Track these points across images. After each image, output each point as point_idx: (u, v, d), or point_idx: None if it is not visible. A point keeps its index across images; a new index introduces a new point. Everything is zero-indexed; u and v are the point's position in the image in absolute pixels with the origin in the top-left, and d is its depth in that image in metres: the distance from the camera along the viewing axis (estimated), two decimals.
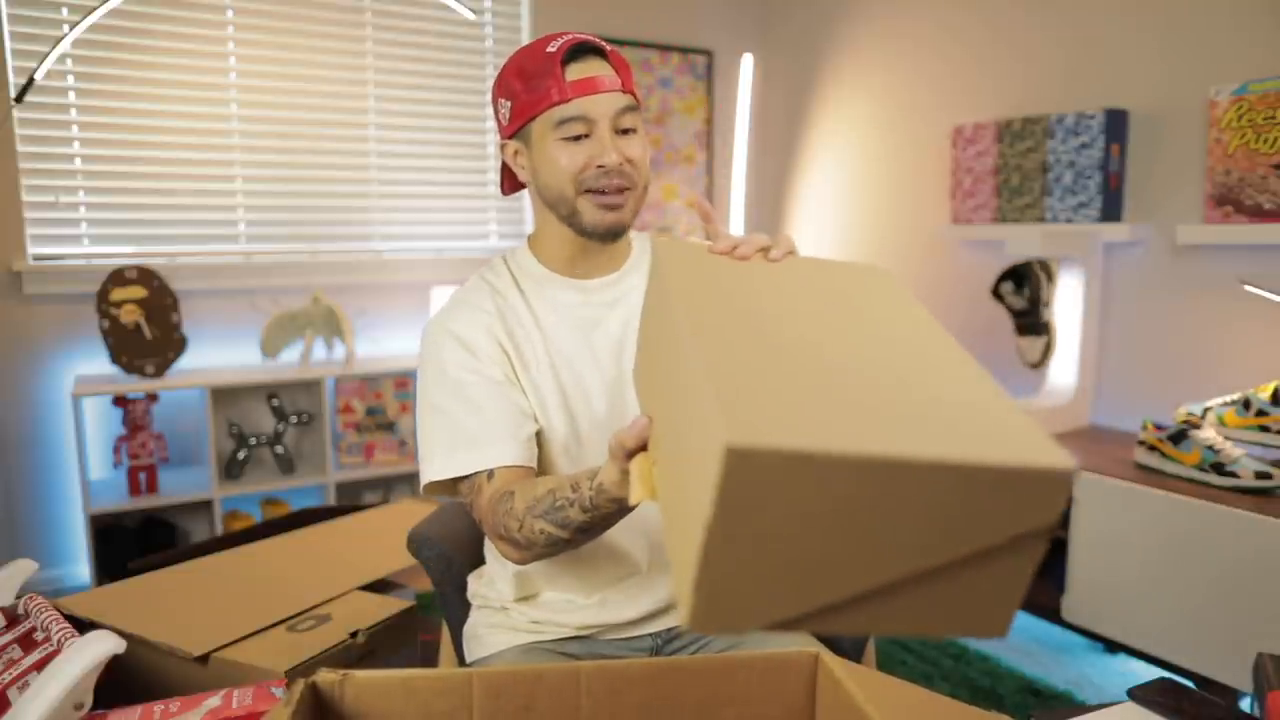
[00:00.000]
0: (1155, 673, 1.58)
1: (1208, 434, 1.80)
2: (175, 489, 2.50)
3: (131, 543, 2.44)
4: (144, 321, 2.46)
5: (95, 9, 2.26)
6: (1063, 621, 1.97)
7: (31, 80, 2.22)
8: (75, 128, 2.48)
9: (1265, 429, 1.75)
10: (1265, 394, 1.77)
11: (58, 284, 2.46)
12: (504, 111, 1.04)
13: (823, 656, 0.75)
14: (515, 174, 1.10)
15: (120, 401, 2.43)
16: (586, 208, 1.01)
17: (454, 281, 2.83)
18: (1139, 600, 1.80)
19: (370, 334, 2.90)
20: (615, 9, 3.19)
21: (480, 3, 2.98)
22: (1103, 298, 2.30)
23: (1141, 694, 0.97)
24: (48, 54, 2.25)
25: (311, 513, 2.02)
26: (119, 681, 1.05)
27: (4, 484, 2.47)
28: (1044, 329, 2.30)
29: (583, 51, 1.00)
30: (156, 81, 2.55)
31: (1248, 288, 1.91)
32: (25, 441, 2.49)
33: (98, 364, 2.51)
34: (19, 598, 1.16)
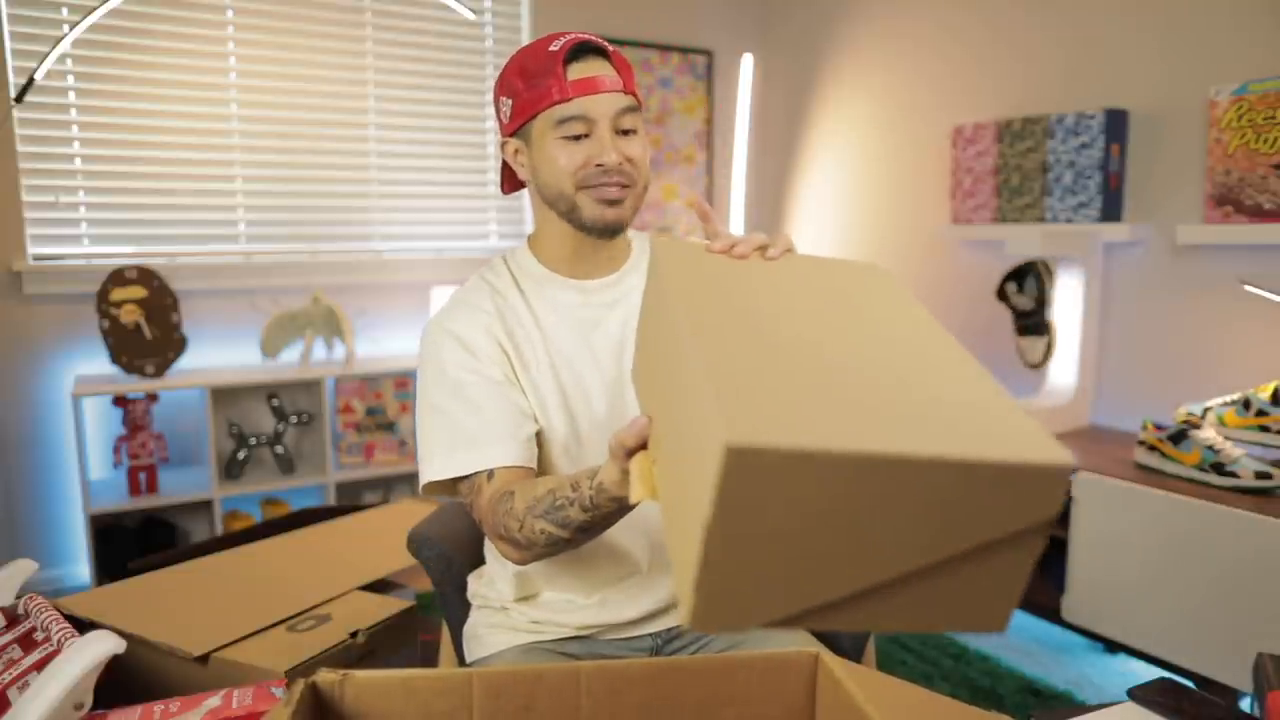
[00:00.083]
0: (1155, 673, 1.58)
1: (1208, 434, 1.80)
2: (175, 489, 2.50)
3: (131, 543, 2.44)
4: (144, 321, 2.46)
5: (95, 9, 2.26)
6: (1063, 621, 1.97)
7: (31, 80, 2.22)
8: (75, 128, 2.48)
9: (1265, 429, 1.75)
10: (1265, 394, 1.77)
11: (58, 284, 2.46)
12: (505, 110, 1.04)
13: (823, 656, 0.75)
14: (515, 173, 1.10)
15: (120, 401, 2.43)
16: (586, 203, 1.01)
17: (454, 281, 2.83)
18: (1139, 600, 1.80)
19: (370, 334, 2.90)
20: (615, 9, 3.19)
21: (480, 3, 2.98)
22: (1103, 298, 2.30)
23: (1141, 694, 0.97)
24: (48, 54, 2.25)
25: (311, 513, 2.02)
26: (119, 681, 1.05)
27: (4, 484, 2.47)
28: (1045, 329, 2.30)
29: (585, 51, 1.00)
30: (156, 81, 2.55)
31: (1248, 288, 1.91)
32: (25, 441, 2.49)
33: (98, 364, 2.51)
34: (19, 598, 1.16)
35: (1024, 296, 2.30)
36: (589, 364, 1.06)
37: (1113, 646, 2.04)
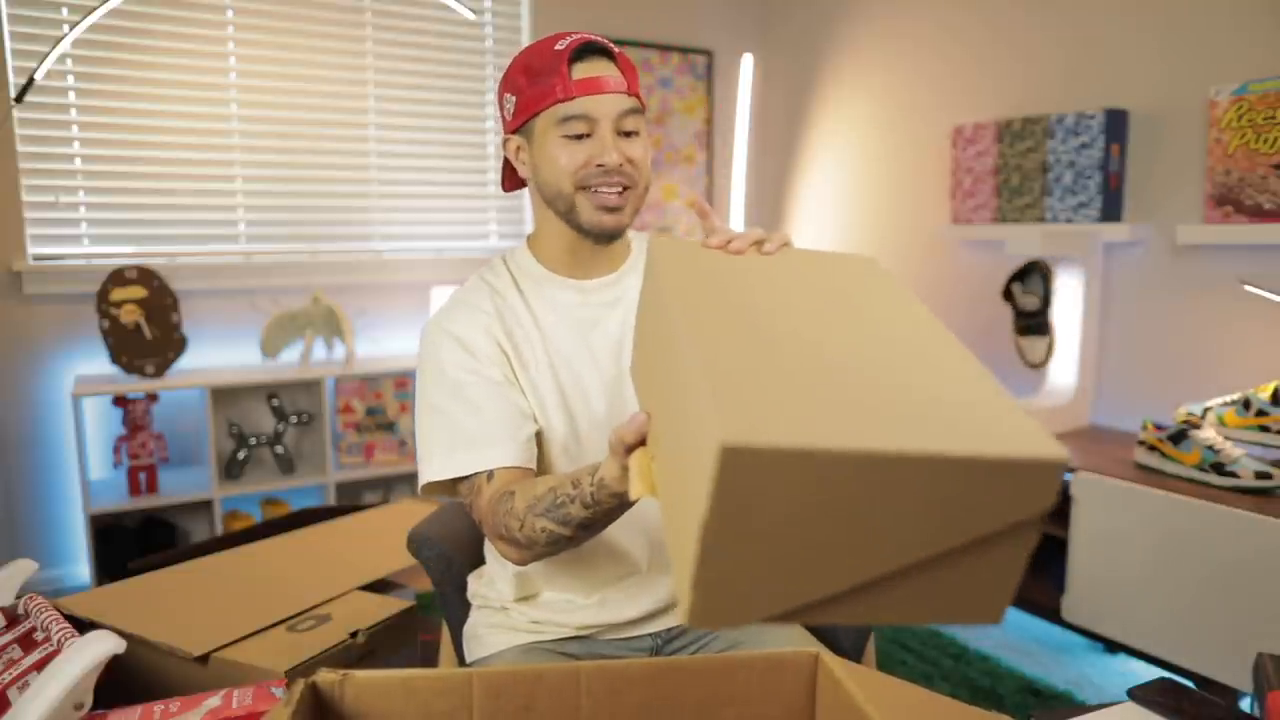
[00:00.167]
0: (1155, 673, 1.58)
1: (1208, 434, 1.80)
2: (175, 489, 2.50)
3: (131, 543, 2.44)
4: (144, 321, 2.46)
5: (95, 9, 2.26)
6: (1063, 621, 1.97)
7: (31, 80, 2.22)
8: (75, 128, 2.48)
9: (1265, 429, 1.75)
10: (1265, 394, 1.77)
11: (58, 284, 2.46)
12: (508, 106, 1.04)
13: (823, 656, 0.75)
14: (516, 170, 1.10)
15: (120, 401, 2.43)
16: (584, 206, 1.01)
17: (454, 281, 2.83)
18: (1139, 600, 1.80)
19: (370, 334, 2.90)
20: (615, 9, 3.19)
21: (480, 3, 2.98)
22: (1103, 298, 2.30)
23: (1141, 694, 0.97)
24: (48, 54, 2.25)
25: (311, 513, 2.02)
26: (119, 681, 1.05)
27: (4, 484, 2.47)
28: (1047, 329, 2.30)
29: (590, 51, 1.00)
30: (156, 81, 2.55)
31: (1248, 288, 1.91)
32: (25, 441, 2.49)
33: (98, 364, 2.51)
34: (19, 598, 1.16)
35: (1031, 296, 2.30)
36: (588, 363, 1.06)
37: (1113, 646, 2.04)
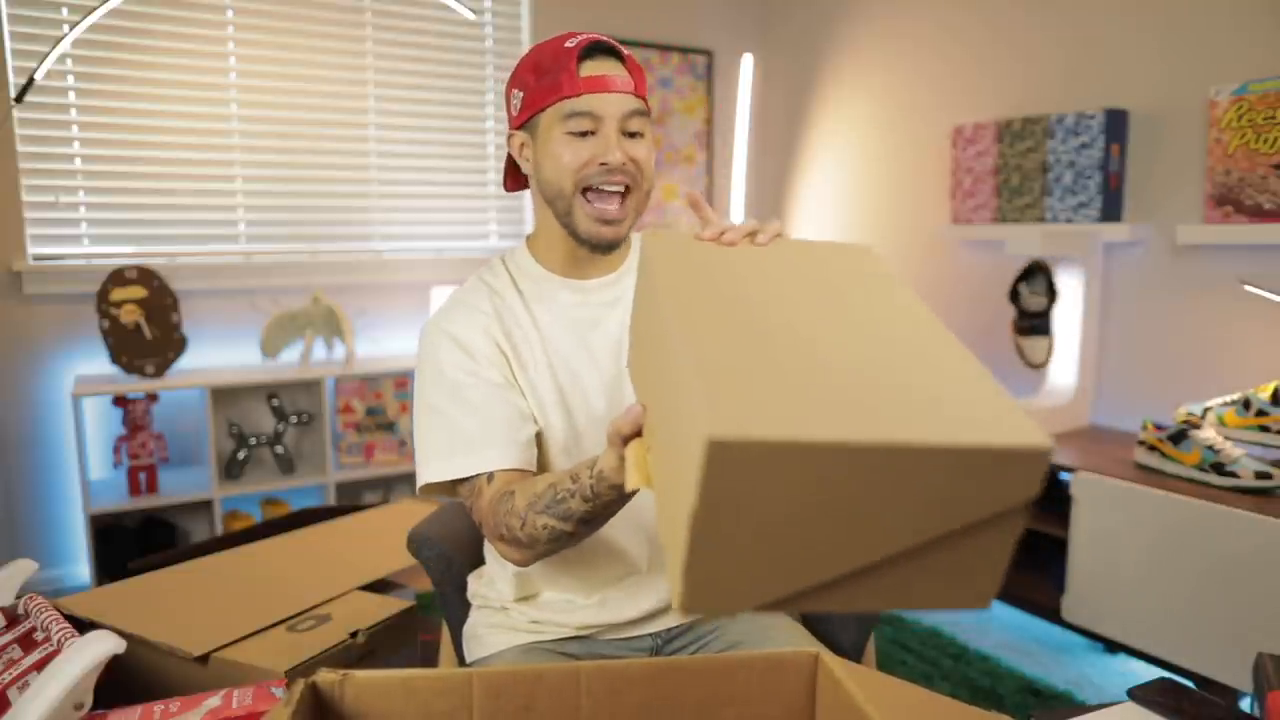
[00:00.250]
0: (1155, 673, 1.58)
1: (1208, 434, 1.80)
2: (175, 489, 2.50)
3: (131, 543, 2.44)
4: (144, 321, 2.46)
5: (95, 9, 2.26)
6: (1063, 621, 1.97)
7: (31, 80, 2.22)
8: (75, 128, 2.48)
9: (1265, 429, 1.75)
10: (1265, 394, 1.77)
11: (58, 284, 2.46)
12: (515, 102, 1.04)
13: (823, 656, 0.75)
14: (518, 170, 1.10)
15: (120, 401, 2.43)
16: (581, 215, 1.01)
17: (454, 281, 2.83)
18: (1139, 600, 1.80)
19: (370, 334, 2.90)
20: (615, 9, 3.19)
21: (480, 3, 2.98)
22: (1103, 298, 2.30)
23: (1141, 694, 0.97)
24: (48, 54, 2.25)
25: (311, 513, 2.02)
26: (119, 681, 1.05)
27: (4, 484, 2.47)
28: (1049, 329, 2.29)
29: (599, 50, 1.00)
30: (156, 81, 2.55)
31: (1248, 288, 1.91)
32: (25, 441, 2.49)
33: (98, 364, 2.51)
34: (19, 598, 1.16)
35: (1038, 297, 2.28)
36: (587, 363, 1.06)
37: (1113, 646, 2.04)
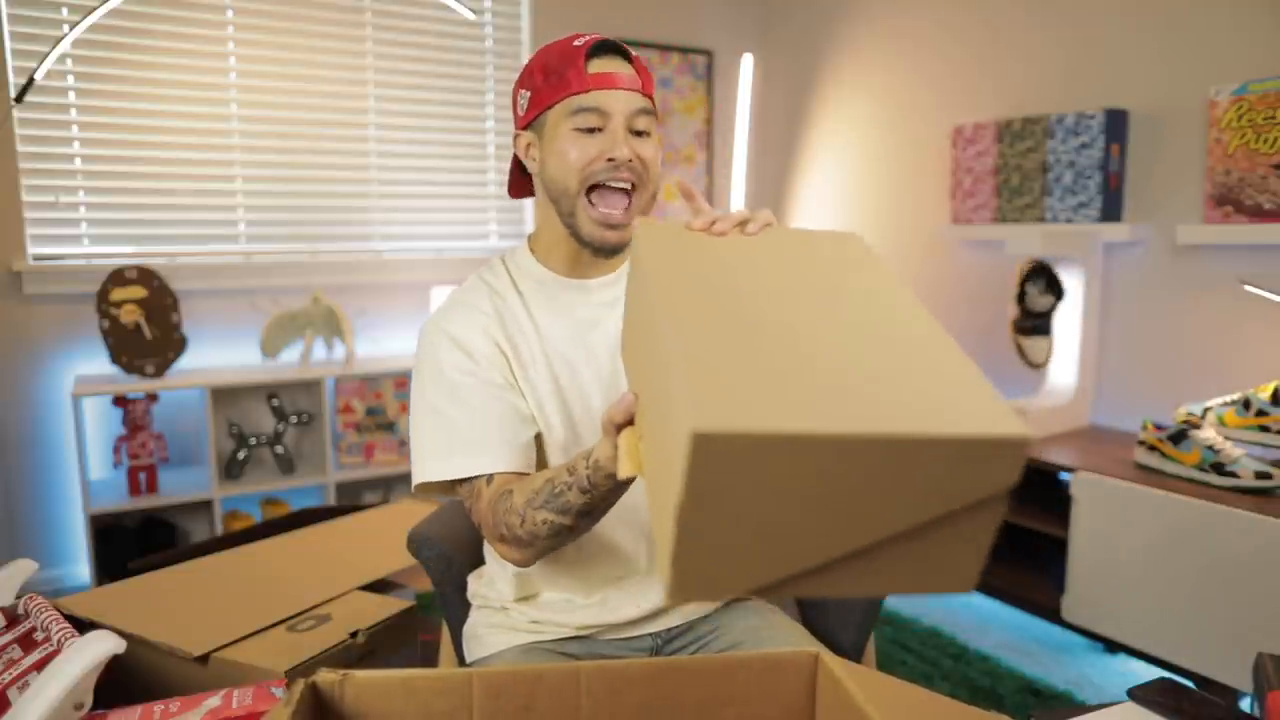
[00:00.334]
0: (1155, 673, 1.58)
1: (1208, 434, 1.80)
2: (175, 489, 2.50)
3: (131, 543, 2.44)
4: (144, 321, 2.46)
5: (95, 9, 2.26)
6: (1063, 621, 1.97)
7: (31, 80, 2.22)
8: (75, 128, 2.48)
9: (1265, 429, 1.75)
10: (1265, 394, 1.77)
11: (58, 284, 2.46)
12: (522, 102, 1.04)
13: (823, 656, 0.75)
14: (524, 174, 1.10)
15: (120, 401, 2.43)
16: (585, 218, 1.01)
17: (454, 281, 2.83)
18: (1139, 600, 1.80)
19: (370, 334, 2.90)
20: (615, 9, 3.19)
21: (480, 3, 2.98)
22: (1103, 298, 2.30)
23: (1141, 694, 0.97)
24: (48, 54, 2.25)
25: (311, 513, 2.02)
26: (119, 681, 1.05)
27: (4, 484, 2.47)
28: (1050, 329, 2.29)
29: (607, 49, 1.01)
30: (156, 81, 2.55)
31: (1248, 288, 1.91)
32: (25, 441, 2.49)
33: (98, 364, 2.51)
34: (19, 598, 1.16)
35: (1047, 297, 2.27)
36: (586, 363, 1.06)
37: (1113, 646, 2.04)
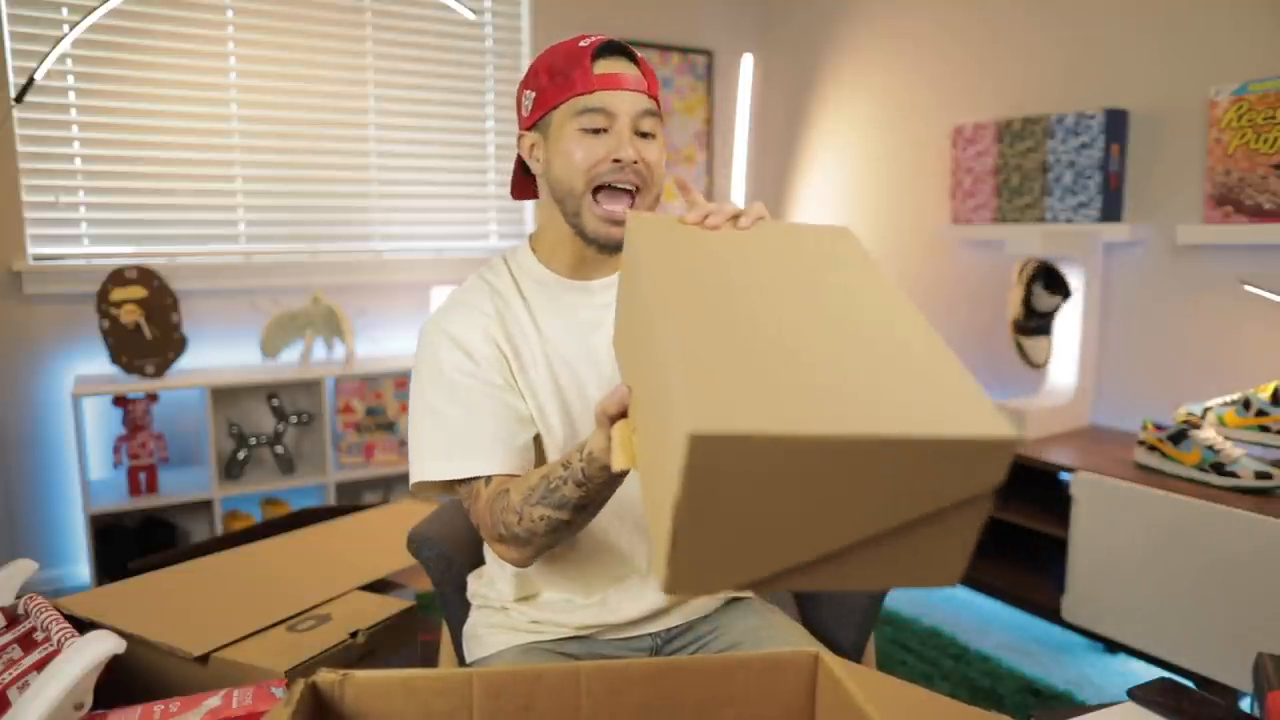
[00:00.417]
0: (1155, 673, 1.58)
1: (1208, 434, 1.80)
2: (175, 489, 2.50)
3: (131, 543, 2.44)
4: (144, 321, 2.46)
5: (95, 9, 2.26)
6: (1063, 621, 1.97)
7: (31, 80, 2.22)
8: (75, 128, 2.48)
9: (1265, 429, 1.75)
10: (1265, 394, 1.77)
11: (58, 284, 2.46)
12: (527, 103, 1.04)
13: (823, 656, 0.75)
14: (526, 175, 1.10)
15: (120, 401, 2.43)
16: (590, 216, 1.01)
17: (454, 281, 2.83)
18: (1139, 600, 1.80)
19: (370, 334, 2.90)
20: (615, 9, 3.19)
21: (480, 3, 2.98)
22: (1103, 298, 2.30)
23: (1141, 694, 0.97)
24: (48, 54, 2.25)
25: (311, 513, 2.02)
26: (119, 681, 1.05)
27: (4, 484, 2.47)
28: (1051, 329, 2.29)
29: (613, 50, 1.01)
30: (156, 81, 2.55)
31: (1248, 288, 1.91)
32: (25, 441, 2.49)
33: (98, 364, 2.51)
34: (19, 598, 1.16)
35: (1056, 297, 2.25)
36: (587, 365, 1.06)
37: (1113, 646, 2.04)
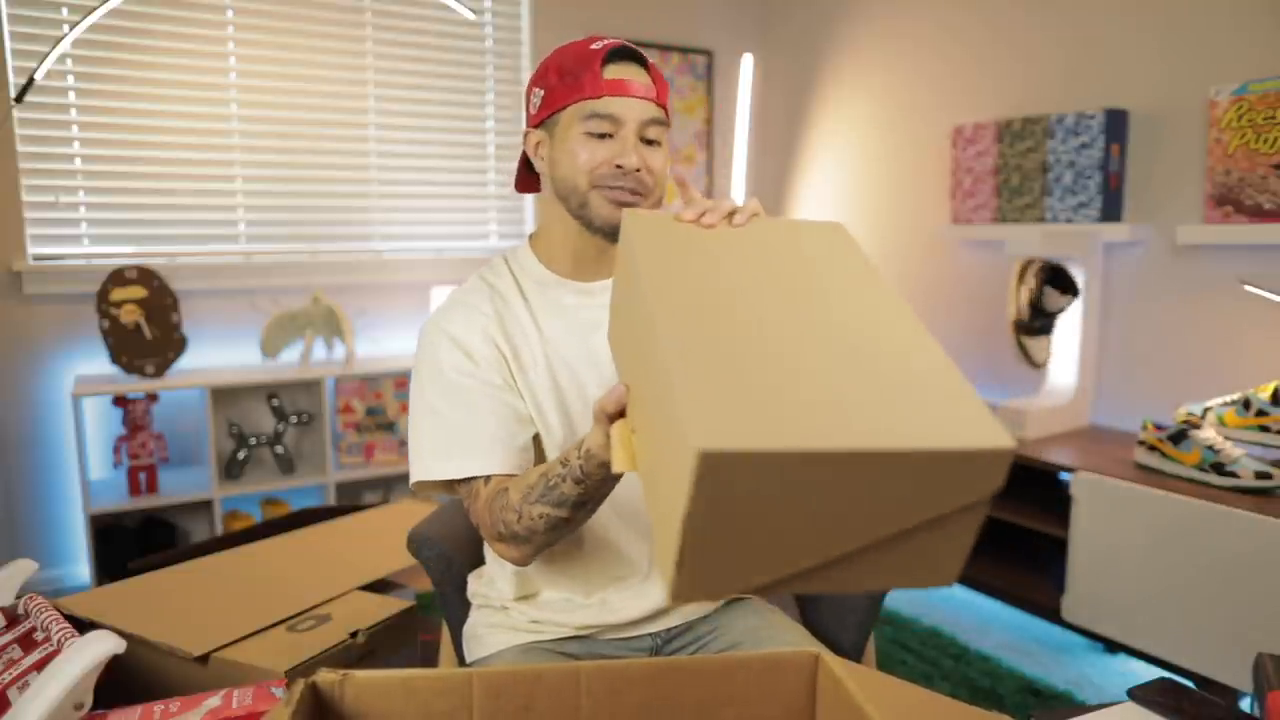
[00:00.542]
0: (1155, 673, 1.58)
1: (1208, 434, 1.80)
2: (175, 489, 2.50)
3: (131, 543, 2.44)
4: (144, 321, 2.46)
5: (95, 9, 2.26)
6: (1063, 621, 1.97)
7: (31, 80, 2.22)
8: (75, 128, 2.48)
9: (1265, 429, 1.75)
10: (1265, 394, 1.77)
11: (58, 284, 2.46)
12: (535, 100, 1.05)
13: (823, 656, 0.75)
14: (530, 170, 1.10)
15: (120, 401, 2.43)
16: (598, 201, 1.01)
17: (454, 281, 2.83)
18: (1139, 600, 1.80)
19: (370, 334, 2.90)
20: (615, 9, 3.19)
21: (480, 3, 2.98)
22: (1103, 298, 2.30)
23: (1141, 694, 0.97)
24: (48, 54, 2.25)
25: (311, 513, 2.02)
26: (119, 681, 1.05)
27: (4, 484, 2.47)
28: (1052, 328, 2.28)
29: (624, 56, 1.01)
30: (156, 81, 2.55)
31: (1248, 288, 1.91)
32: (25, 441, 2.49)
33: (98, 364, 2.51)
34: (19, 598, 1.16)
35: (1067, 297, 2.24)
36: (587, 366, 1.06)
37: (1113, 646, 2.04)
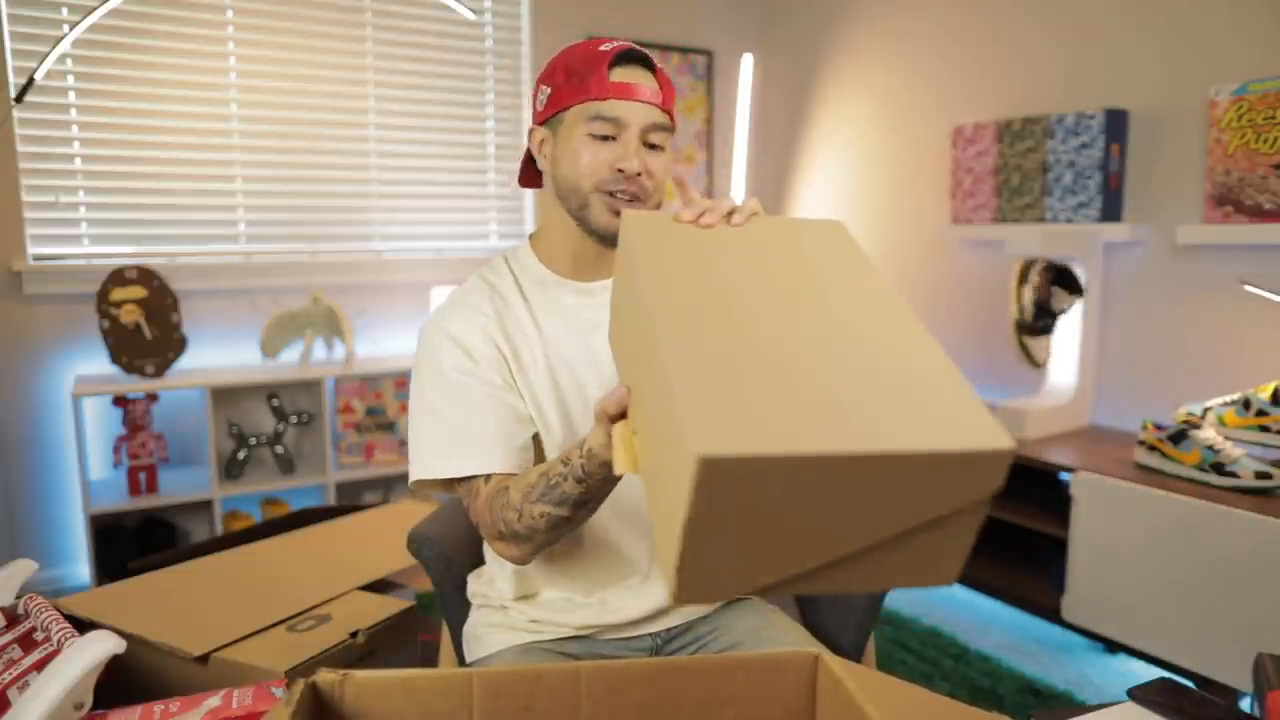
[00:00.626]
0: (1155, 673, 1.58)
1: (1208, 434, 1.80)
2: (175, 489, 2.50)
3: (131, 543, 2.44)
4: (144, 321, 2.46)
5: (95, 9, 2.26)
6: (1063, 621, 1.97)
7: (31, 80, 2.22)
8: (75, 128, 2.48)
9: (1265, 429, 1.75)
10: (1265, 394, 1.77)
11: (58, 284, 2.46)
12: (541, 98, 1.05)
13: (823, 656, 0.75)
14: (534, 166, 1.11)
15: (120, 401, 2.43)
16: (598, 206, 1.01)
17: (454, 281, 2.83)
18: (1139, 600, 1.80)
19: (370, 334, 2.90)
20: (615, 9, 3.19)
21: (480, 3, 2.98)
22: (1103, 298, 2.30)
23: (1141, 694, 0.97)
24: (48, 54, 2.25)
25: (311, 513, 2.02)
26: (119, 681, 1.05)
27: (4, 484, 2.47)
28: (1053, 328, 2.28)
29: (632, 59, 1.01)
30: (156, 81, 2.55)
31: (1248, 288, 1.91)
32: (25, 441, 2.49)
33: (98, 364, 2.51)
34: (19, 598, 1.16)
35: (1074, 297, 2.23)
36: (587, 366, 1.06)
37: (1113, 646, 2.04)
